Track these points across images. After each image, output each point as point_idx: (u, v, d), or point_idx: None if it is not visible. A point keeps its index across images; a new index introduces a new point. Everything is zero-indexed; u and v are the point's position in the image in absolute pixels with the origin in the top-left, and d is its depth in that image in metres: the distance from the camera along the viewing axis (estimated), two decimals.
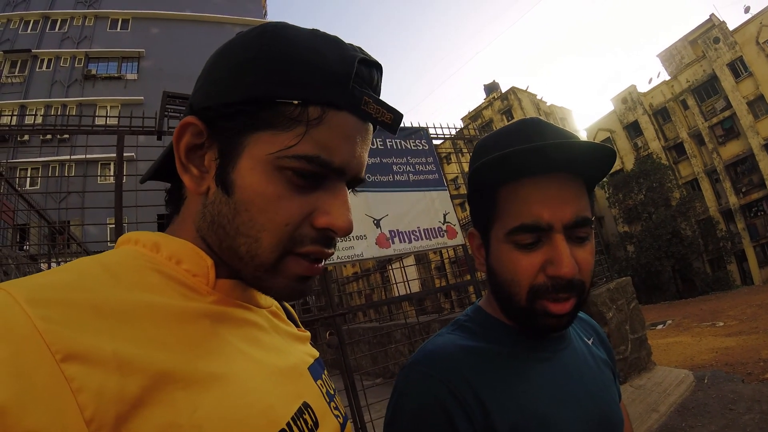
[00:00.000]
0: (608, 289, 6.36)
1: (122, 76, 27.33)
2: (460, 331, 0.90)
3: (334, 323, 4.03)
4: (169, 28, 29.00)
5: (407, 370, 0.82)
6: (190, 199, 0.61)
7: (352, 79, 0.54)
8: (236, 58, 0.54)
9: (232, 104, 0.53)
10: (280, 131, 0.53)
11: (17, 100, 24.42)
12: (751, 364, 7.79)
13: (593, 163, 0.79)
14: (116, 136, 4.03)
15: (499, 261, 0.83)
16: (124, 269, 0.50)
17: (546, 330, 0.81)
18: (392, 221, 4.66)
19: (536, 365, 0.83)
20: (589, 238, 0.80)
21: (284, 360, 0.62)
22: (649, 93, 34.66)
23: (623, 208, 33.97)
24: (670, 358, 9.56)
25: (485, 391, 0.76)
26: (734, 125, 29.82)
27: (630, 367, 6.18)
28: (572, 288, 0.77)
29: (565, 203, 0.77)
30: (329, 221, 0.56)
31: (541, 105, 40.23)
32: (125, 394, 0.39)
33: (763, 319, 12.96)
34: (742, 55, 28.87)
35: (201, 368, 0.47)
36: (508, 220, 0.80)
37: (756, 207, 29.54)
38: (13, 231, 6.04)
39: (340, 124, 0.54)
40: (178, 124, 0.56)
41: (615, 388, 0.95)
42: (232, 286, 0.59)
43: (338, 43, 0.56)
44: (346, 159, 0.56)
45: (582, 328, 1.03)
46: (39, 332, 0.37)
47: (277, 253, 0.54)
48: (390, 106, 0.58)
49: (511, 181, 0.80)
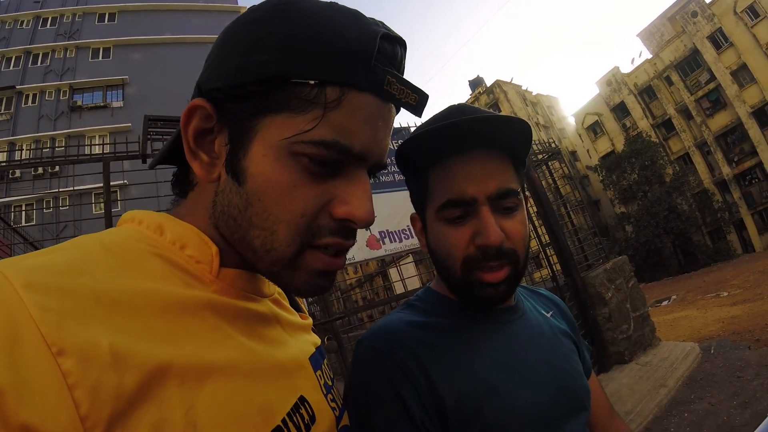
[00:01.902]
0: (605, 269, 6.35)
1: (108, 105, 27.23)
2: (408, 309, 0.93)
3: (332, 328, 4.04)
4: (151, 52, 28.92)
5: (356, 346, 0.85)
6: (202, 186, 0.57)
7: (374, 57, 0.50)
8: (247, 35, 0.50)
9: (242, 85, 0.49)
10: (295, 114, 0.49)
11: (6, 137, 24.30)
12: (759, 330, 7.77)
13: (510, 136, 0.82)
14: (102, 163, 4.05)
15: (434, 238, 0.87)
16: (125, 252, 0.48)
17: (486, 301, 0.83)
18: (381, 222, 4.66)
19: (485, 336, 0.85)
20: (517, 209, 0.83)
21: (284, 352, 0.60)
22: (633, 73, 34.70)
23: (618, 189, 33.97)
24: (677, 333, 9.55)
25: (431, 363, 0.78)
26: (720, 96, 29.87)
27: (635, 345, 6.17)
28: (502, 255, 0.80)
29: (488, 177, 0.80)
30: (348, 211, 0.53)
31: (527, 95, 40.22)
32: (121, 391, 0.38)
33: (766, 284, 12.96)
34: (721, 26, 28.90)
35: (199, 362, 0.45)
36: (437, 198, 0.84)
37: (750, 175, 29.57)
38: None
39: (361, 107, 0.51)
40: (186, 107, 0.52)
41: (577, 359, 0.96)
42: (237, 276, 0.57)
43: (358, 16, 0.52)
44: (367, 144, 0.53)
45: (541, 302, 1.05)
46: (35, 321, 0.36)
47: (294, 246, 0.52)
48: (415, 86, 0.54)
49: (438, 161, 0.84)
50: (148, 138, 4.15)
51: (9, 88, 25.85)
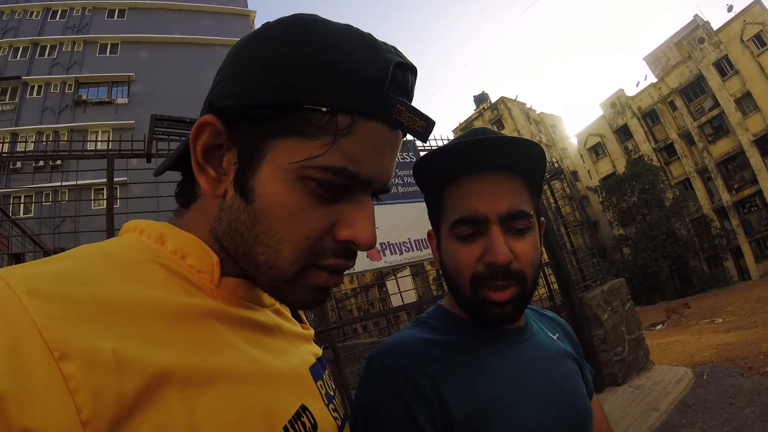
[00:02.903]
0: (602, 291, 6.36)
1: (113, 101, 27.22)
2: (420, 326, 0.94)
3: (328, 337, 4.03)
4: (159, 51, 28.95)
5: (367, 362, 0.86)
6: (206, 199, 0.58)
7: (387, 86, 0.51)
8: (262, 54, 0.51)
9: (255, 107, 0.50)
10: (306, 139, 0.50)
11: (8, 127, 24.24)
12: (752, 358, 7.77)
13: (524, 159, 0.84)
14: (106, 160, 4.04)
15: (446, 255, 0.89)
16: (127, 260, 0.49)
17: (494, 320, 0.84)
18: (383, 233, 4.66)
19: (494, 356, 0.86)
20: (528, 231, 0.85)
21: (285, 361, 0.61)
22: (637, 96, 34.92)
23: (617, 211, 34.07)
24: (670, 358, 9.53)
25: (442, 380, 0.79)
26: (723, 123, 30.01)
27: (628, 368, 6.17)
28: (509, 276, 0.81)
29: (500, 197, 0.83)
30: (352, 235, 0.54)
31: (531, 113, 40.36)
32: (123, 396, 0.38)
33: (761, 312, 12.95)
34: (727, 53, 29.13)
35: (201, 368, 0.46)
36: (450, 215, 0.87)
37: (749, 203, 29.67)
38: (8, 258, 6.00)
39: (370, 135, 0.52)
40: (196, 122, 0.53)
41: (581, 380, 0.98)
42: (237, 285, 0.57)
43: (373, 42, 0.53)
44: (374, 171, 0.54)
45: (548, 324, 1.06)
46: (37, 327, 0.36)
47: (297, 266, 0.53)
48: (422, 114, 0.54)
49: (454, 180, 0.87)
50: (154, 137, 4.14)
51: (15, 79, 25.81)
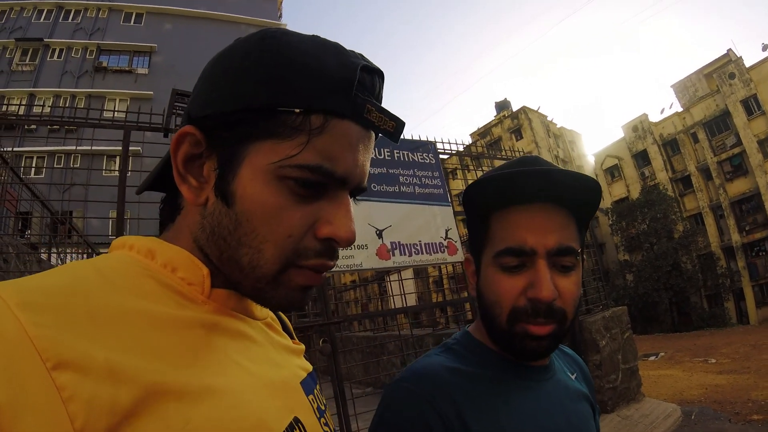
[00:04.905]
0: (603, 317, 6.36)
1: (133, 70, 27.46)
2: (447, 353, 0.92)
3: (328, 331, 4.03)
4: (183, 24, 29.14)
5: (393, 386, 0.84)
6: (188, 210, 0.60)
7: (355, 87, 0.53)
8: (235, 65, 0.53)
9: (232, 113, 0.52)
10: (282, 140, 0.52)
11: (27, 88, 24.51)
12: (740, 404, 7.75)
13: (580, 195, 0.83)
14: (123, 131, 4.02)
15: (486, 283, 0.87)
16: (118, 275, 0.50)
17: (527, 353, 0.83)
18: (395, 233, 4.64)
19: (520, 392, 0.85)
20: (574, 269, 0.83)
21: (277, 373, 0.61)
22: (660, 123, 34.60)
23: (625, 236, 33.86)
24: (659, 391, 9.51)
25: (468, 412, 0.78)
26: (743, 162, 29.74)
27: (619, 397, 6.16)
28: (551, 314, 0.79)
29: (550, 231, 0.81)
30: (332, 231, 0.55)
31: (551, 127, 40.24)
32: (116, 405, 0.38)
33: (755, 359, 12.90)
34: (756, 92, 28.79)
35: (194, 379, 0.46)
36: (496, 243, 0.84)
37: (758, 246, 29.40)
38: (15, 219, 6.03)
39: (343, 133, 0.54)
40: (176, 133, 0.55)
41: (593, 423, 0.97)
42: (228, 296, 0.59)
43: (339, 49, 0.56)
44: (349, 168, 0.55)
45: (567, 363, 1.05)
46: (30, 338, 0.36)
47: (279, 265, 0.54)
48: (392, 114, 0.57)
49: (502, 207, 0.85)
50: (173, 112, 4.13)
51: (37, 40, 26.10)
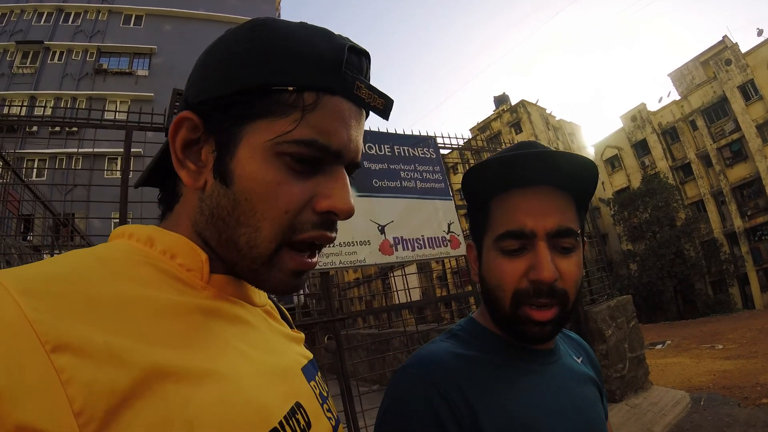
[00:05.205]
0: (609, 306, 6.36)
1: (133, 72, 27.40)
2: (453, 339, 0.93)
3: (333, 328, 4.03)
4: (182, 26, 29.05)
5: (400, 373, 0.85)
6: (186, 196, 0.61)
7: (344, 65, 0.55)
8: (229, 51, 0.56)
9: (227, 96, 0.54)
10: (277, 118, 0.54)
11: (28, 91, 24.50)
12: (749, 389, 7.75)
13: (576, 176, 0.84)
14: (124, 131, 4.01)
15: (488, 268, 0.88)
16: (118, 262, 0.51)
17: (531, 338, 0.84)
18: (397, 228, 4.63)
19: (525, 376, 0.86)
20: (574, 250, 0.84)
21: (278, 359, 0.62)
22: (659, 112, 34.56)
23: (628, 226, 33.85)
24: (667, 379, 9.52)
25: (475, 397, 0.78)
26: (742, 148, 29.70)
27: (627, 386, 6.16)
28: (553, 294, 0.81)
29: (549, 213, 0.82)
30: (331, 204, 0.56)
31: (550, 119, 40.12)
32: (116, 387, 0.39)
33: (762, 343, 12.90)
34: (753, 78, 28.74)
35: (194, 363, 0.47)
36: (496, 227, 0.86)
37: (761, 231, 29.34)
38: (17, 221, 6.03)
39: (335, 109, 0.56)
40: (173, 119, 0.57)
41: (601, 406, 0.97)
42: (226, 282, 0.60)
43: (327, 33, 0.58)
44: (343, 142, 0.57)
45: (572, 347, 1.06)
46: (29, 322, 0.37)
47: (275, 243, 0.55)
48: (381, 92, 0.60)
49: (501, 192, 0.86)
50: (175, 112, 4.12)
51: (37, 43, 26.05)
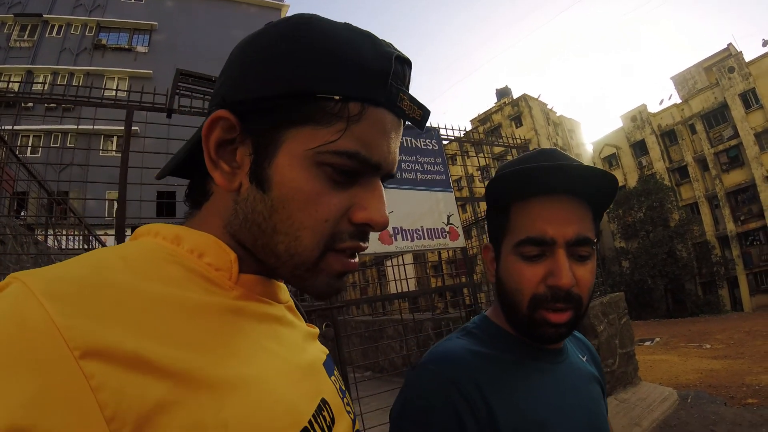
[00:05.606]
0: (601, 302, 6.43)
1: (132, 48, 27.06)
2: (468, 337, 0.96)
3: (331, 315, 4.05)
4: (184, 3, 28.63)
5: (418, 370, 0.87)
6: (217, 196, 0.59)
7: (390, 76, 0.53)
8: (272, 49, 0.52)
9: (269, 98, 0.51)
10: (320, 127, 0.51)
11: (24, 65, 24.14)
12: (735, 388, 7.85)
13: (597, 188, 0.86)
14: (125, 110, 3.92)
15: (506, 271, 0.91)
16: (144, 262, 0.49)
17: (545, 339, 0.87)
18: (397, 218, 4.62)
19: (537, 374, 0.89)
20: (590, 258, 0.87)
21: (303, 356, 0.62)
22: (659, 114, 34.67)
23: (622, 224, 34.16)
24: (655, 375, 9.62)
25: (491, 394, 0.81)
26: (739, 154, 29.88)
27: (616, 381, 6.24)
28: (569, 299, 0.83)
29: (569, 222, 0.85)
30: (368, 216, 0.55)
31: (551, 115, 39.97)
32: (148, 393, 0.38)
33: (749, 345, 13.06)
34: (755, 87, 28.84)
35: (225, 366, 0.46)
36: (517, 233, 0.88)
37: (752, 236, 29.65)
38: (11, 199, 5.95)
39: (379, 121, 0.54)
40: (208, 118, 0.54)
41: (604, 403, 1.01)
42: (255, 281, 0.59)
43: (373, 38, 0.56)
44: (383, 155, 0.56)
45: (578, 346, 1.09)
46: (57, 327, 0.36)
47: (318, 251, 0.54)
48: (420, 103, 0.58)
49: (523, 199, 0.89)
50: (177, 92, 4.06)
51: (36, 16, 25.62)
